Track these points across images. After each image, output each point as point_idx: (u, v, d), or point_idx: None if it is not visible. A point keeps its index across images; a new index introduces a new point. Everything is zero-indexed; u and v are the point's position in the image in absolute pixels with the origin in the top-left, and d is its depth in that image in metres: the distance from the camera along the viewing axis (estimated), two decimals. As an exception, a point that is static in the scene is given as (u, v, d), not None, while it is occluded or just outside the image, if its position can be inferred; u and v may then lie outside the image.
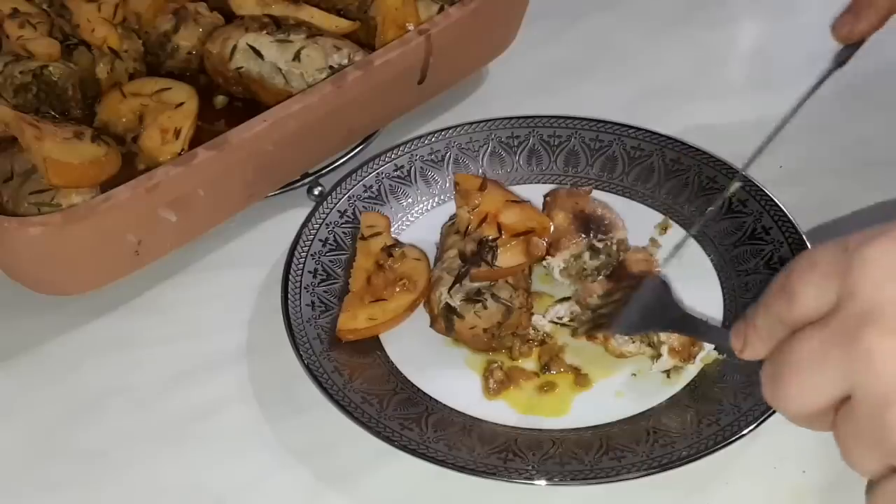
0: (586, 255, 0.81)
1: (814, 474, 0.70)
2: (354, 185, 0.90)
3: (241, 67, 0.94)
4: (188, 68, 0.99)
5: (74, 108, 0.93)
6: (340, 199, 0.88)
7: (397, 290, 0.80)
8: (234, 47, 0.94)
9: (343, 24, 0.96)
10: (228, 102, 0.98)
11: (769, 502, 0.70)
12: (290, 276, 0.81)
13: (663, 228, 0.87)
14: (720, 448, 0.68)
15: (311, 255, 0.84)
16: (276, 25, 0.94)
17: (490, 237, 0.81)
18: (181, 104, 0.90)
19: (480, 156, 0.93)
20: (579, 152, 0.93)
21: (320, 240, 0.85)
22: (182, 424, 0.76)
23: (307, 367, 0.74)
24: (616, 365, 0.77)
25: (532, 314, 0.80)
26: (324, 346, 0.77)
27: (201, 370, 0.80)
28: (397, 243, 0.85)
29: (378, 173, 0.91)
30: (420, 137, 0.93)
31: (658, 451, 0.69)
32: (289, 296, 0.80)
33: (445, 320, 0.78)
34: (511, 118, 0.95)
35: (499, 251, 0.80)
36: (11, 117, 0.83)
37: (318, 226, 0.86)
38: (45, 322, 0.84)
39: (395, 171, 0.91)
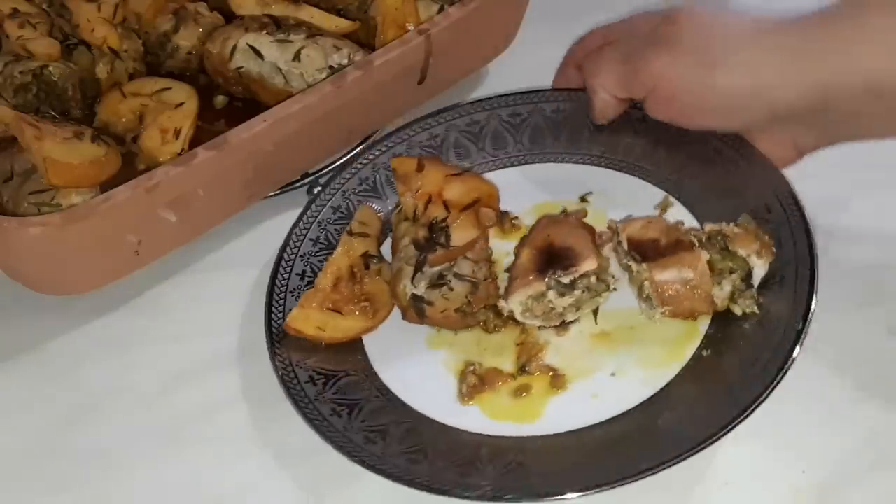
0: (551, 294, 0.75)
1: (814, 474, 0.70)
2: (349, 180, 0.87)
3: (241, 67, 0.94)
4: (188, 68, 0.99)
5: (74, 108, 0.93)
6: (334, 195, 0.86)
7: (356, 311, 0.78)
8: (234, 47, 0.94)
9: (343, 24, 0.96)
10: (228, 102, 0.98)
11: (769, 502, 0.70)
12: (277, 282, 0.80)
13: (664, 208, 0.83)
14: (684, 459, 0.64)
15: (301, 255, 0.82)
16: (276, 25, 0.94)
17: (439, 218, 0.80)
18: (181, 104, 0.90)
19: (482, 137, 0.90)
20: (583, 128, 0.88)
21: (311, 239, 0.83)
22: (182, 424, 0.76)
23: (280, 378, 0.73)
24: (595, 364, 0.74)
25: (497, 286, 0.78)
26: (303, 355, 0.75)
27: (201, 370, 0.80)
28: (380, 257, 0.83)
29: (374, 164, 0.88)
30: (417, 121, 0.90)
31: (623, 460, 0.65)
32: (273, 301, 0.78)
33: (415, 310, 0.77)
34: (512, 94, 0.91)
35: (451, 230, 0.80)
36: (11, 117, 0.83)
37: (309, 225, 0.84)
38: (45, 322, 0.84)
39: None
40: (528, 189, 0.87)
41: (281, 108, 0.83)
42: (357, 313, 0.78)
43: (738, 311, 0.74)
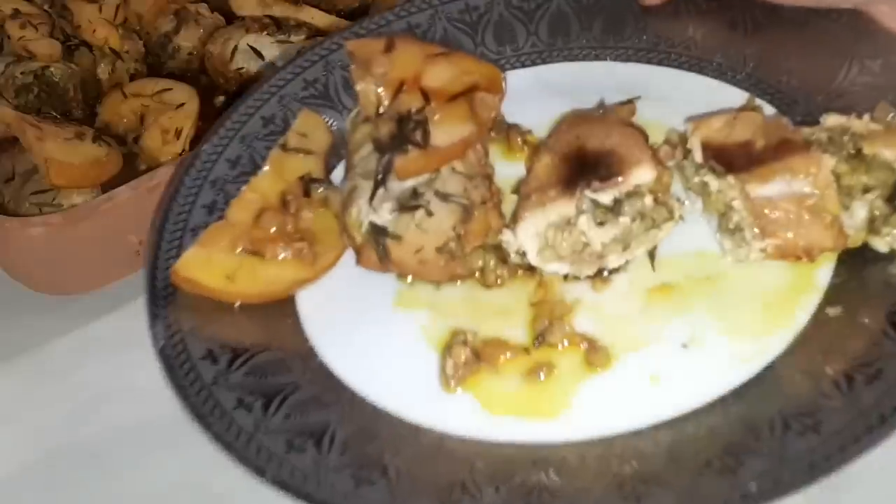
0: (584, 221, 0.50)
1: (813, 474, 0.70)
2: (289, 81, 0.63)
3: (242, 68, 0.94)
4: (189, 69, 0.99)
5: (76, 108, 0.94)
6: (267, 102, 0.61)
7: (287, 254, 0.53)
8: (235, 48, 0.94)
9: (343, 25, 0.96)
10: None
11: (769, 502, 0.70)
12: (170, 216, 0.58)
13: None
14: (810, 484, 0.45)
15: (212, 181, 0.59)
16: (277, 26, 0.95)
17: (414, 108, 0.54)
18: (182, 105, 0.91)
19: (480, 28, 0.66)
20: (625, 13, 0.63)
21: (229, 160, 0.60)
22: (182, 424, 0.76)
23: (159, 352, 0.54)
24: (654, 332, 0.49)
25: (502, 213, 0.52)
26: (202, 319, 0.53)
27: (201, 370, 0.80)
28: (327, 183, 0.58)
29: (328, 62, 0.63)
30: (391, 9, 0.67)
31: (705, 483, 0.42)
32: (162, 243, 0.56)
33: (376, 248, 0.51)
34: None
35: (430, 125, 0.53)
36: (13, 118, 0.84)
37: (226, 141, 0.60)
38: (45, 322, 0.84)
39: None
40: (545, 96, 0.63)
41: (281, 108, 0.83)
42: (288, 257, 0.55)
43: (881, 245, 0.50)
